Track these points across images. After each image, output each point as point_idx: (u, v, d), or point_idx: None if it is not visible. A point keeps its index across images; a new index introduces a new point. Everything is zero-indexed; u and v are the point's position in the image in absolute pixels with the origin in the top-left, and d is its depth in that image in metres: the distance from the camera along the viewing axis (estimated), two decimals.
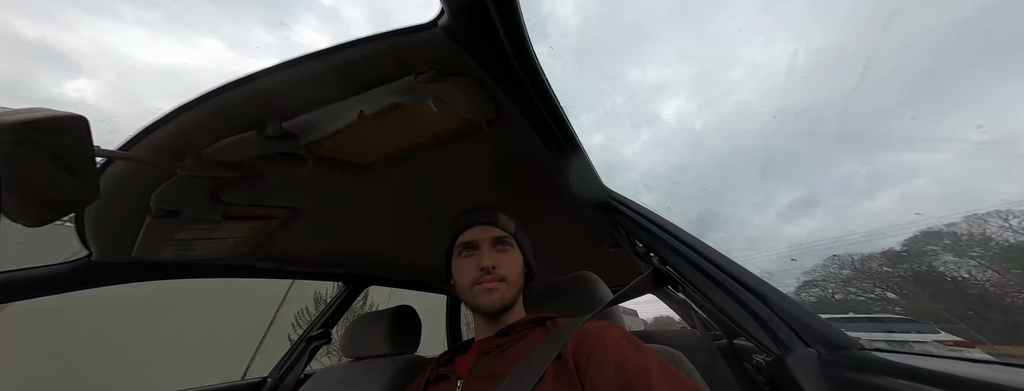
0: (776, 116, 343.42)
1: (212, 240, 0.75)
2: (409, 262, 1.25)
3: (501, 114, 0.55)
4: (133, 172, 0.52)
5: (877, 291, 28.85)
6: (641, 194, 61.23)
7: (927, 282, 28.77)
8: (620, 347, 0.42)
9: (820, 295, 27.22)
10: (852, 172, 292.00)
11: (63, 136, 0.34)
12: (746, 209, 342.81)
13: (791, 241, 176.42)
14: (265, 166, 0.58)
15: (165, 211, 0.60)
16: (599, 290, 0.72)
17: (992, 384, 0.20)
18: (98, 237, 0.64)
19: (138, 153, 0.48)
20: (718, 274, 0.45)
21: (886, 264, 31.88)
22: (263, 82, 0.43)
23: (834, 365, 0.30)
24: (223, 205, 0.65)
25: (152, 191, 0.56)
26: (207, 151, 0.51)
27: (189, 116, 0.46)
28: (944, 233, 32.42)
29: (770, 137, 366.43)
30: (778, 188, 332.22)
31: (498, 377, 0.43)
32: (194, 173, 0.53)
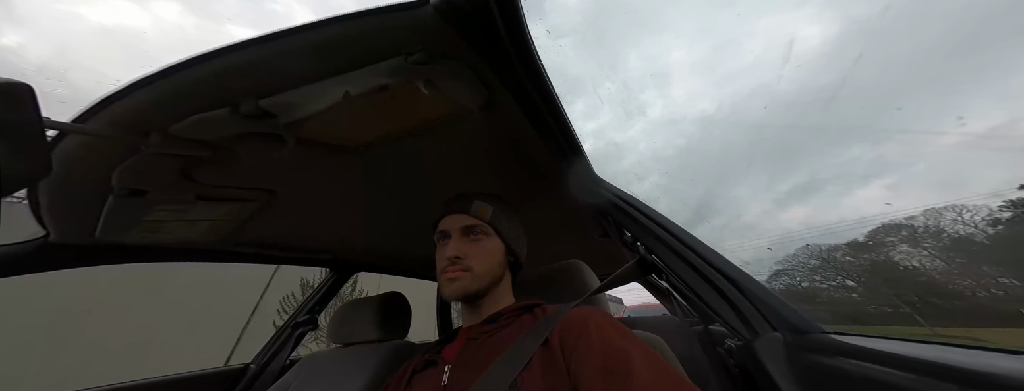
0: (767, 106, 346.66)
1: (184, 222, 0.71)
2: (398, 249, 1.24)
3: (493, 99, 0.53)
4: (91, 147, 0.48)
5: (839, 279, 31.23)
6: (632, 184, 62.85)
7: (882, 270, 31.28)
8: (604, 333, 0.44)
9: (788, 283, 29.31)
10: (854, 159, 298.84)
11: (5, 105, 0.30)
12: (741, 198, 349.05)
13: (782, 229, 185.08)
14: (240, 146, 0.54)
15: (129, 190, 0.56)
16: (587, 278, 0.74)
17: (932, 362, 0.22)
18: (56, 216, 0.60)
19: (95, 126, 0.44)
20: (698, 262, 0.47)
21: (849, 254, 34.44)
22: (239, 56, 0.40)
23: (796, 348, 0.33)
24: (195, 185, 0.61)
25: (114, 168, 0.52)
26: (175, 128, 0.47)
27: (154, 89, 0.42)
28: (903, 225, 35.10)
29: (764, 127, 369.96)
30: (776, 177, 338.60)
31: (485, 363, 0.44)
32: (160, 151, 0.49)
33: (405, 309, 1.03)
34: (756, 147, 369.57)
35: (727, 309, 0.43)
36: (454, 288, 0.55)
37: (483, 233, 0.60)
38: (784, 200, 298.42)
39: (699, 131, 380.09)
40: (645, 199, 0.65)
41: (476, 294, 0.56)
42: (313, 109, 0.48)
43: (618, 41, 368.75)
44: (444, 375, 0.47)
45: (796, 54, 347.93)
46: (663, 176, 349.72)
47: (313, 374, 0.89)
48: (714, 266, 0.46)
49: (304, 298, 1.32)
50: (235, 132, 0.51)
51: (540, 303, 0.58)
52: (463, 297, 0.56)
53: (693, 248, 0.50)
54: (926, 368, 0.22)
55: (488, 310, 0.58)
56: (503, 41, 0.40)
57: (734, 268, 0.44)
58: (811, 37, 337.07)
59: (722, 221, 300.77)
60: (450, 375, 0.47)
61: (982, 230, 33.21)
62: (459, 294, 0.55)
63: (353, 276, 1.37)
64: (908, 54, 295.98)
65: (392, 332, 0.96)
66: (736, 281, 0.42)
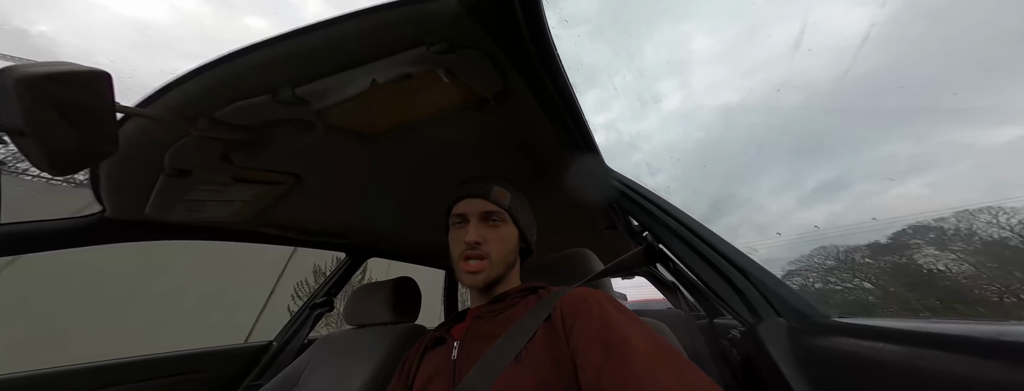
0: (799, 98, 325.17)
1: (220, 202, 0.76)
2: (409, 236, 1.28)
3: (508, 88, 0.55)
4: (149, 130, 0.53)
5: (855, 281, 30.14)
6: (643, 178, 60.87)
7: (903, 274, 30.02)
8: (605, 309, 0.45)
9: (801, 284, 28.58)
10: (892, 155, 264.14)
11: (85, 91, 0.35)
12: (762, 194, 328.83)
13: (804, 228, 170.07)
14: (275, 131, 0.58)
15: (177, 170, 0.61)
16: (593, 265, 0.75)
17: (945, 335, 0.21)
18: (112, 193, 0.66)
19: (155, 111, 0.49)
20: (706, 250, 0.48)
21: (868, 256, 33.02)
22: (281, 47, 0.44)
23: (799, 332, 0.33)
24: (232, 167, 0.66)
25: (166, 150, 0.57)
26: (219, 113, 0.51)
27: (205, 77, 0.46)
28: (931, 227, 33.33)
29: (793, 120, 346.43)
30: (803, 173, 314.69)
31: (491, 338, 0.46)
32: (206, 134, 0.53)
33: (416, 293, 1.07)
34: (783, 140, 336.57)
35: (733, 296, 0.44)
36: (477, 279, 0.56)
37: (501, 220, 0.60)
38: (809, 197, 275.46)
39: (721, 123, 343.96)
40: (655, 190, 0.65)
41: (494, 282, 0.58)
42: (342, 97, 0.51)
43: (635, 29, 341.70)
44: (453, 350, 0.50)
45: (834, 39, 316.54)
46: (678, 170, 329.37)
47: (330, 352, 0.93)
48: (722, 254, 0.46)
49: (318, 283, 1.38)
50: (272, 118, 0.54)
51: (543, 285, 0.60)
52: (483, 286, 0.57)
53: (701, 236, 0.50)
54: (935, 340, 0.21)
55: (497, 292, 0.59)
56: (522, 31, 0.41)
57: (742, 256, 0.45)
58: (855, 19, 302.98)
59: (739, 218, 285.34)
60: (459, 350, 0.49)
61: (1018, 234, 31.06)
62: (480, 285, 0.56)
63: (364, 263, 1.43)
64: (968, 37, 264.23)
65: (403, 315, 1.00)
66: (743, 268, 0.43)
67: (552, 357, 0.41)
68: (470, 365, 0.42)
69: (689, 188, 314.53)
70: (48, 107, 0.33)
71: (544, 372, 0.40)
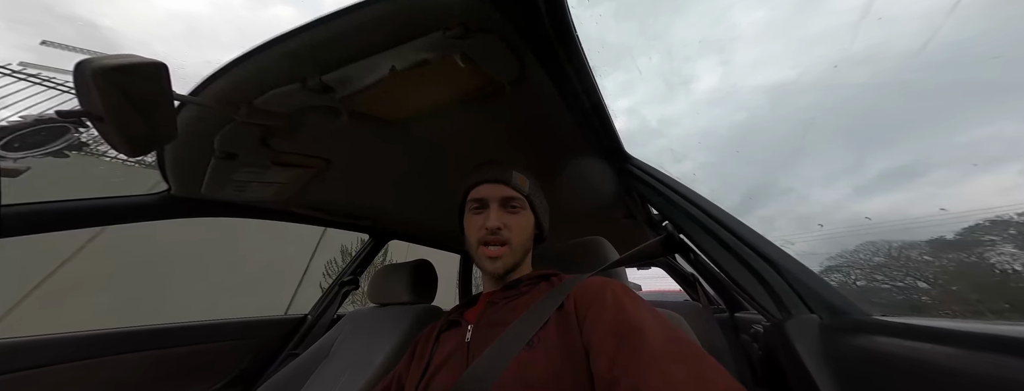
0: (838, 66, 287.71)
1: (261, 183, 0.83)
2: (428, 220, 1.32)
3: (525, 74, 0.53)
4: (201, 116, 0.58)
5: (908, 280, 27.32)
6: (667, 165, 56.86)
7: (969, 273, 26.82)
8: (619, 299, 0.44)
9: (841, 281, 26.28)
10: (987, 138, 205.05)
11: (147, 80, 0.39)
12: (811, 182, 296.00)
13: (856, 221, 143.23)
14: (305, 117, 0.61)
15: (225, 153, 0.67)
16: (608, 254, 0.73)
17: (1013, 338, 0.19)
18: (175, 173, 0.73)
19: (205, 99, 0.53)
20: (733, 241, 0.44)
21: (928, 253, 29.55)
22: (307, 36, 0.45)
23: (833, 330, 0.30)
24: (271, 151, 0.71)
25: (215, 134, 0.62)
26: (258, 101, 0.55)
27: (244, 67, 0.49)
28: (1013, 222, 28.99)
29: (859, 98, 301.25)
30: (866, 158, 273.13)
31: (504, 324, 0.46)
32: (247, 120, 0.57)
33: (432, 276, 1.11)
34: (842, 122, 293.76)
35: (760, 290, 0.41)
36: (498, 266, 0.56)
37: (521, 206, 0.59)
38: (868, 187, 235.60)
39: (768, 104, 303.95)
40: (686, 179, 0.61)
41: (514, 268, 0.58)
42: (363, 84, 0.52)
43: (666, 4, 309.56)
44: (467, 333, 0.51)
45: (913, 4, 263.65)
46: (708, 156, 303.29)
47: (356, 327, 1.01)
48: (750, 245, 0.43)
49: (344, 263, 1.48)
50: (302, 105, 0.57)
51: (556, 272, 0.59)
52: (503, 274, 0.57)
53: (728, 226, 0.47)
54: (1001, 344, 0.18)
55: (510, 278, 0.60)
56: (540, 12, 0.39)
57: (773, 247, 0.41)
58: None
59: (778, 209, 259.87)
60: (472, 334, 0.50)
61: None
62: (501, 272, 0.56)
63: (386, 244, 1.49)
64: None
65: (421, 296, 1.05)
66: (774, 261, 0.39)
67: (565, 345, 0.41)
68: (483, 349, 0.43)
69: (720, 176, 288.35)
70: (120, 95, 0.37)
71: (556, 358, 0.40)
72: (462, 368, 0.44)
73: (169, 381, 0.93)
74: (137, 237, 4.46)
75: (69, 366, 0.78)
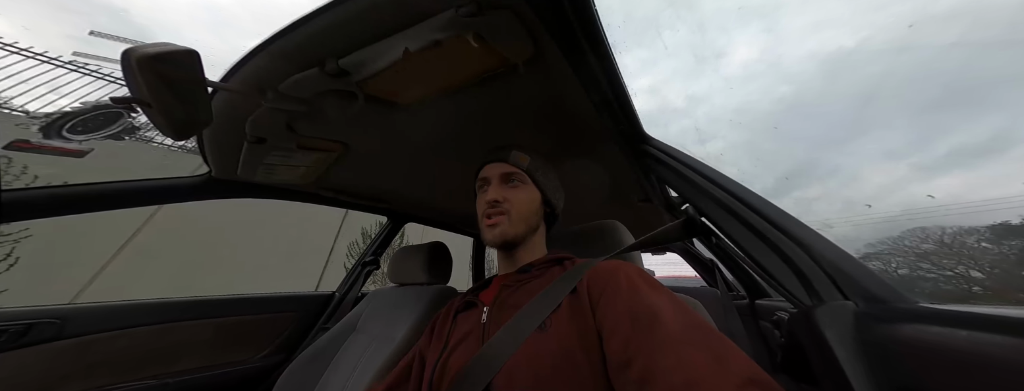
0: (913, 25, 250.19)
1: (288, 167, 0.87)
2: (441, 203, 1.34)
3: (540, 53, 0.51)
4: (232, 102, 0.60)
5: (960, 268, 25.18)
6: (690, 145, 52.68)
7: None
8: (634, 282, 0.43)
9: (879, 269, 24.58)
10: None
11: (183, 67, 0.40)
12: (864, 161, 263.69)
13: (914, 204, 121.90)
14: (325, 102, 0.62)
15: (256, 138, 0.70)
16: (623, 237, 0.72)
17: None
18: (214, 157, 0.78)
19: (233, 85, 0.55)
20: (761, 224, 0.41)
21: (986, 240, 26.87)
22: (323, 19, 0.45)
23: (870, 317, 0.28)
24: (296, 136, 0.74)
25: (246, 119, 0.64)
26: (282, 86, 0.56)
27: (268, 52, 0.50)
28: None
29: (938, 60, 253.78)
30: (935, 133, 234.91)
31: (518, 307, 0.47)
32: (274, 105, 0.59)
33: (447, 257, 1.14)
34: (910, 92, 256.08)
35: (789, 275, 0.38)
36: (495, 233, 0.57)
37: (520, 181, 0.62)
38: (934, 166, 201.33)
39: (820, 73, 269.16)
40: (711, 160, 0.57)
41: (514, 240, 0.58)
42: (378, 67, 0.52)
43: None
44: (483, 314, 0.52)
45: None
46: (744, 135, 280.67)
47: (379, 306, 1.07)
48: (780, 228, 0.40)
49: (365, 244, 1.55)
50: (321, 89, 0.57)
51: (569, 256, 0.59)
52: (503, 242, 0.58)
53: (756, 208, 0.43)
54: None
55: (522, 259, 0.60)
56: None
57: (807, 230, 0.38)
58: None
59: (828, 189, 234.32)
60: (488, 314, 0.52)
61: None
62: (499, 239, 0.58)
63: (402, 228, 1.54)
64: None
65: (437, 277, 1.09)
66: (807, 244, 0.36)
67: (577, 328, 0.41)
68: (498, 329, 0.44)
69: (752, 156, 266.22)
70: (160, 82, 0.39)
71: (568, 341, 0.40)
72: (477, 347, 0.45)
73: (225, 346, 1.05)
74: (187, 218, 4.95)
75: (147, 329, 0.90)
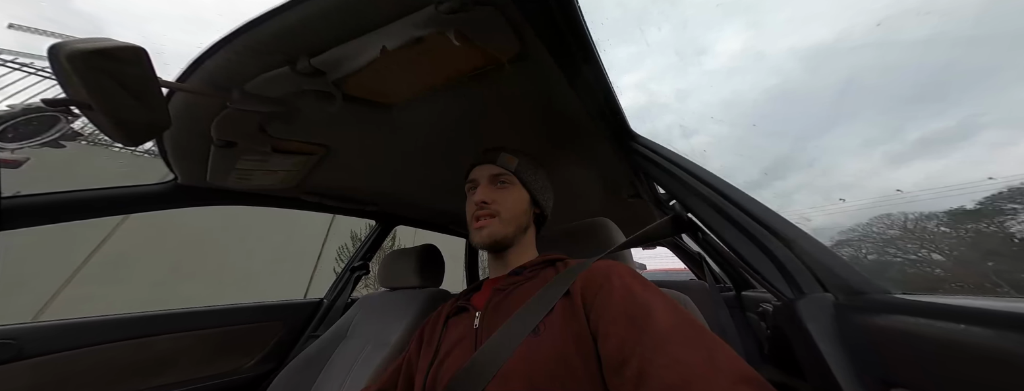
0: (881, 24, 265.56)
1: (265, 171, 0.83)
2: (430, 204, 1.32)
3: (525, 51, 0.50)
4: (192, 103, 0.56)
5: (922, 252, 27.02)
6: (675, 140, 54.31)
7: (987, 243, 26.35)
8: (626, 282, 0.43)
9: (851, 255, 26.33)
10: None
11: (128, 65, 0.36)
12: (843, 150, 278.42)
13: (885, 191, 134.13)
14: (300, 102, 0.59)
15: (224, 141, 0.66)
16: (614, 235, 0.72)
17: None
18: (179, 162, 0.73)
19: (193, 85, 0.51)
20: (744, 219, 0.42)
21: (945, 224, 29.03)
22: (293, 14, 0.42)
23: (849, 309, 0.29)
24: (270, 138, 0.70)
25: (211, 121, 0.60)
26: (249, 85, 0.52)
27: (231, 48, 0.47)
28: None
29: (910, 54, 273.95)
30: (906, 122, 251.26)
31: (511, 311, 0.47)
32: (241, 106, 0.55)
33: (439, 260, 1.13)
34: (883, 84, 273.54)
35: (771, 269, 0.39)
36: (483, 235, 0.57)
37: (508, 182, 0.62)
38: (905, 154, 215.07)
39: (802, 66, 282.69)
40: (696, 155, 0.58)
41: (503, 241, 0.58)
42: (355, 66, 0.50)
43: None
44: (475, 319, 0.52)
45: None
46: (727, 129, 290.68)
47: (369, 311, 1.05)
48: (763, 223, 0.41)
49: (354, 248, 1.51)
50: (294, 89, 0.54)
51: (562, 257, 0.59)
52: (491, 243, 0.58)
53: (740, 204, 0.44)
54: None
55: (514, 261, 0.60)
56: None
57: (787, 224, 0.39)
58: None
59: (813, 177, 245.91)
60: (481, 320, 0.51)
61: None
62: (488, 240, 0.57)
63: (392, 230, 1.51)
64: None
65: (429, 280, 1.07)
66: (788, 239, 0.38)
67: (571, 331, 0.41)
68: (491, 335, 0.44)
69: (736, 150, 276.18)
70: (103, 82, 0.35)
71: (562, 345, 0.40)
72: (470, 354, 0.45)
73: (211, 358, 1.01)
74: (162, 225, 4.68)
75: (129, 343, 0.86)
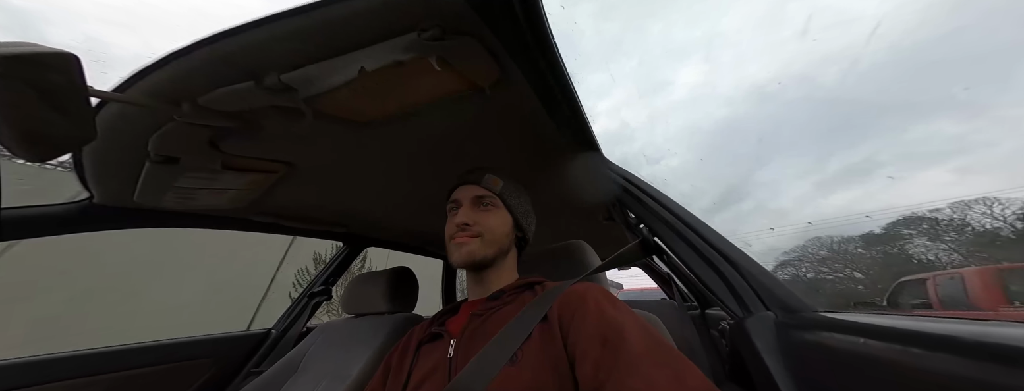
0: (840, 74, 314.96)
1: (212, 190, 0.75)
2: (406, 225, 1.28)
3: (505, 78, 0.53)
4: (129, 115, 0.52)
5: (846, 270, 30.95)
6: (642, 167, 59.08)
7: (893, 264, 30.80)
8: (601, 305, 0.45)
9: (793, 274, 29.59)
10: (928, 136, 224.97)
11: (53, 73, 0.33)
12: (780, 180, 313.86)
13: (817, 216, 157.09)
14: (263, 118, 0.57)
15: (164, 157, 0.60)
16: (590, 258, 0.76)
17: (931, 334, 0.21)
18: (99, 179, 0.65)
19: (133, 96, 0.47)
20: (701, 244, 0.48)
21: (861, 247, 33.82)
22: (263, 31, 0.41)
23: (786, 326, 0.34)
24: (222, 155, 0.65)
25: (150, 135, 0.55)
26: (204, 98, 0.50)
27: (187, 60, 0.44)
28: (926, 218, 33.96)
29: (832, 99, 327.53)
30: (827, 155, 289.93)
31: (489, 336, 0.46)
32: (191, 120, 0.52)
33: (413, 283, 1.08)
34: (815, 120, 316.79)
35: (724, 289, 0.44)
36: (462, 253, 0.56)
37: (492, 204, 0.62)
38: (831, 183, 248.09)
39: (748, 105, 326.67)
40: (659, 182, 0.64)
41: (483, 262, 0.58)
42: (331, 84, 0.49)
43: (648, 2, 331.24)
44: (450, 347, 0.50)
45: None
46: (688, 157, 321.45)
47: (329, 340, 0.95)
48: (715, 247, 0.46)
49: (317, 271, 1.40)
50: (258, 105, 0.52)
51: (541, 280, 0.60)
52: (471, 263, 0.57)
53: (696, 230, 0.50)
54: (920, 339, 0.22)
55: (493, 284, 0.60)
56: (517, 16, 0.39)
57: (735, 249, 0.45)
58: None
59: (751, 206, 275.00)
60: (455, 348, 0.49)
61: (1010, 225, 31.98)
62: (467, 260, 0.56)
63: (363, 251, 1.43)
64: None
65: (400, 305, 1.01)
66: (735, 262, 0.43)
67: (549, 358, 0.41)
68: (466, 363, 0.42)
69: (693, 176, 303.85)
70: (19, 90, 0.32)
71: (541, 373, 0.40)
72: (443, 385, 0.43)
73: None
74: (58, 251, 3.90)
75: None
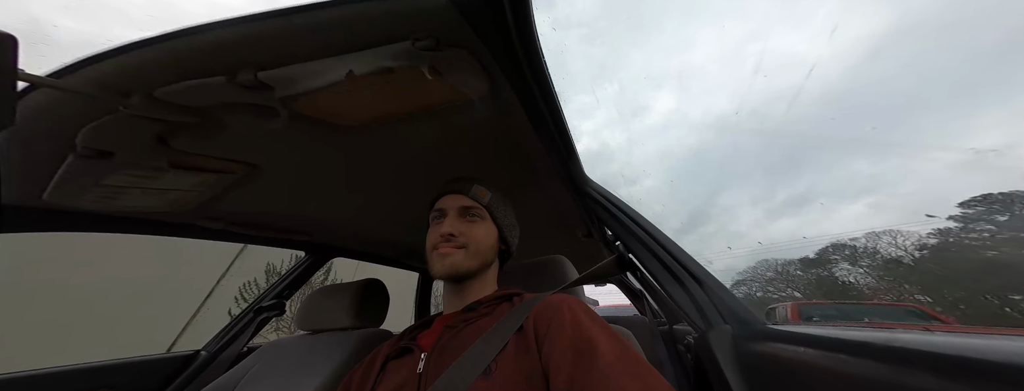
0: (786, 111, 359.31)
1: (149, 190, 0.67)
2: (380, 235, 1.21)
3: (494, 91, 0.54)
4: (61, 103, 0.46)
5: (788, 291, 34.60)
6: (620, 187, 62.46)
7: (825, 284, 34.84)
8: (577, 316, 0.46)
9: (746, 292, 32.58)
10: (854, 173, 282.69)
11: None
12: (739, 205, 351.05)
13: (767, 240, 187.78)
14: (229, 115, 0.53)
15: (94, 151, 0.53)
16: (568, 272, 0.77)
17: (850, 340, 0.24)
18: (3, 174, 0.55)
19: (73, 83, 0.42)
20: (670, 261, 0.51)
21: (800, 269, 38.40)
22: (246, 28, 0.40)
23: (741, 338, 0.37)
24: (171, 151, 0.58)
25: (82, 127, 0.49)
26: (162, 91, 0.46)
27: (150, 51, 0.41)
28: (847, 245, 39.53)
29: (779, 133, 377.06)
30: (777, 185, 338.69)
31: (462, 350, 0.44)
32: (140, 113, 0.47)
33: (384, 297, 1.01)
34: (767, 152, 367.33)
35: (690, 305, 0.47)
36: (445, 264, 0.55)
37: (479, 216, 0.61)
38: (778, 210, 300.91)
39: (713, 134, 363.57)
40: (635, 202, 0.68)
41: (466, 274, 0.56)
42: (313, 85, 0.47)
43: (631, 33, 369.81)
44: (420, 362, 0.47)
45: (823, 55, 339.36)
46: (661, 179, 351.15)
47: (275, 360, 0.85)
48: (682, 264, 0.50)
49: (269, 284, 1.26)
50: (226, 101, 0.49)
51: (519, 292, 0.59)
52: (453, 275, 0.55)
53: (667, 248, 0.54)
54: (843, 345, 0.24)
55: (472, 295, 0.58)
56: (511, 33, 0.41)
57: (699, 267, 0.49)
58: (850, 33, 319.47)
59: (714, 228, 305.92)
60: (426, 362, 0.47)
61: (909, 253, 38.83)
62: (450, 271, 0.55)
63: (328, 263, 1.33)
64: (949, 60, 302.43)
65: (367, 320, 0.94)
66: (700, 278, 0.47)
67: (524, 371, 0.41)
68: (437, 379, 0.40)
69: (665, 198, 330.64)
70: None
71: (514, 387, 0.39)
72: None
73: None
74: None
75: None
